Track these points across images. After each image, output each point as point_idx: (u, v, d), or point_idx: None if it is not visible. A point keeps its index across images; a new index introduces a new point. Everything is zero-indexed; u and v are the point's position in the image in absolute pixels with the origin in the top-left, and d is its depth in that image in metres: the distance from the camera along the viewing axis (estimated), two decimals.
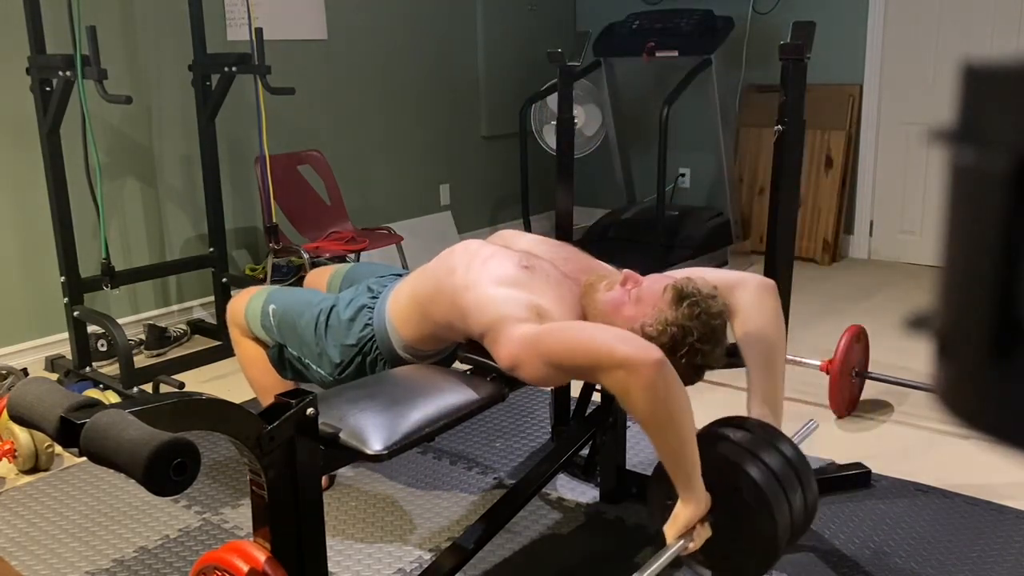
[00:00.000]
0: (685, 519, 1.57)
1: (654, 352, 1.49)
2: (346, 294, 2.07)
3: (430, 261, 1.93)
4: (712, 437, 1.68)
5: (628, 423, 2.42)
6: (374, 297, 2.00)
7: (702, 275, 1.86)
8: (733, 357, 1.83)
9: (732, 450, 1.64)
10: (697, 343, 1.66)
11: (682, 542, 1.58)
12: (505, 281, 1.74)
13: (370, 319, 1.95)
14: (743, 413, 1.78)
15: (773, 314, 1.84)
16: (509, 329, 1.65)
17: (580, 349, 1.55)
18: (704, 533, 1.61)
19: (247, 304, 2.18)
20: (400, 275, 2.10)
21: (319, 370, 2.02)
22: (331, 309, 2.02)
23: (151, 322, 3.70)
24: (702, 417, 2.89)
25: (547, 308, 1.70)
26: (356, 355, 1.95)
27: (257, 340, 2.19)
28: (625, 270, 1.81)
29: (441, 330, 1.86)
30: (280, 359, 2.11)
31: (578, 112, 4.66)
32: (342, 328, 1.97)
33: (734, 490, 1.61)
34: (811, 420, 2.14)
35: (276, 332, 2.09)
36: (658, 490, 1.69)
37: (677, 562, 1.64)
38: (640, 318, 1.69)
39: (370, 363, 1.95)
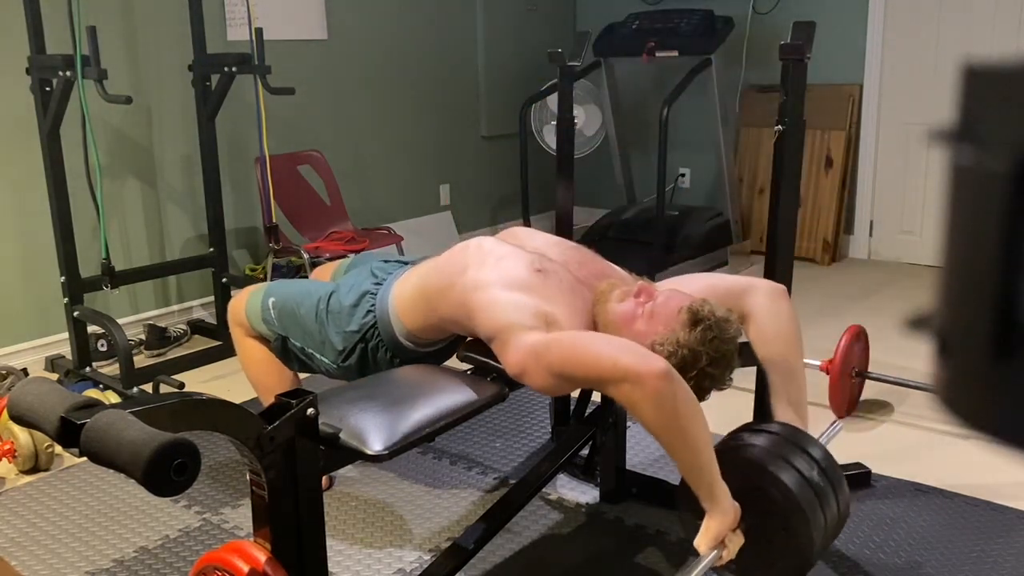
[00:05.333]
0: (715, 530, 1.53)
1: (658, 363, 1.46)
2: (348, 279, 2.04)
3: (441, 254, 1.91)
4: (741, 443, 1.65)
5: (628, 423, 2.42)
6: (378, 283, 1.97)
7: (711, 282, 1.85)
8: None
9: (763, 455, 1.61)
10: (707, 367, 1.63)
11: (715, 553, 1.54)
12: (516, 285, 1.70)
13: (372, 305, 1.93)
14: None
15: (788, 317, 1.83)
16: (517, 337, 1.62)
17: (585, 361, 1.52)
18: (737, 541, 1.56)
19: (247, 301, 2.17)
20: (405, 263, 2.08)
21: (323, 359, 2.00)
22: (331, 295, 1.99)
23: (151, 322, 3.70)
24: (707, 419, 2.89)
25: (557, 316, 1.66)
26: (359, 342, 1.93)
27: (260, 338, 2.18)
28: (640, 282, 1.77)
29: (446, 324, 1.85)
30: (284, 351, 2.10)
31: (578, 112, 4.66)
32: (344, 314, 1.95)
33: (767, 497, 1.57)
34: (835, 421, 2.07)
35: (277, 325, 2.08)
36: (686, 503, 1.63)
37: (710, 573, 1.60)
38: (651, 335, 1.65)
39: (372, 350, 1.93)
